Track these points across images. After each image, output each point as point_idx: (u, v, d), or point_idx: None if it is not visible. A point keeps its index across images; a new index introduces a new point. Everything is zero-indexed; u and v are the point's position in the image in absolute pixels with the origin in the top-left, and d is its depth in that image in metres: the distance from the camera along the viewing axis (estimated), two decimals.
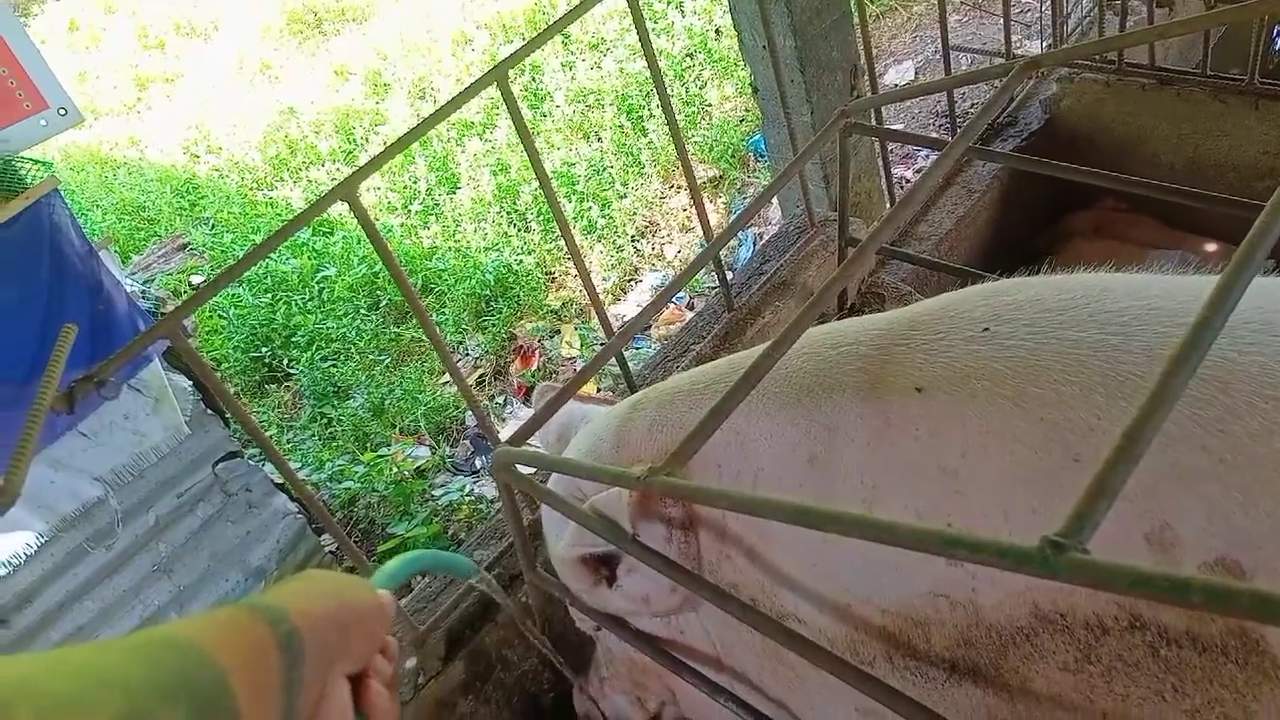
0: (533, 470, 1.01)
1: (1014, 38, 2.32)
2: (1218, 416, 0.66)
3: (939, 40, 2.28)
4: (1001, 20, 2.31)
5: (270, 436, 5.03)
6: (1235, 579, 0.64)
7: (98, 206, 7.80)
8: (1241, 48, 1.99)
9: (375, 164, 1.20)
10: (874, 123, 2.07)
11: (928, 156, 4.83)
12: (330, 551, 3.50)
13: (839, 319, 1.89)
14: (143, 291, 5.29)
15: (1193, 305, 0.74)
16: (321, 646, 0.65)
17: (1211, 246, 2.25)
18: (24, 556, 2.72)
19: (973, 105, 4.75)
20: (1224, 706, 0.66)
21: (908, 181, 4.50)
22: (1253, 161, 2.17)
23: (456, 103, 1.23)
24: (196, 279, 6.43)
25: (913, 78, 5.65)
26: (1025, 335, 0.78)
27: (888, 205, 2.39)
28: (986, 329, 0.81)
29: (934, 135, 4.94)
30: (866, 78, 2.12)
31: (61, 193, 2.62)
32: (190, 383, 2.99)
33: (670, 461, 0.76)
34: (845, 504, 0.82)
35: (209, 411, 3.07)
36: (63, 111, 2.56)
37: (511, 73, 1.24)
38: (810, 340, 0.96)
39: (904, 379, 0.82)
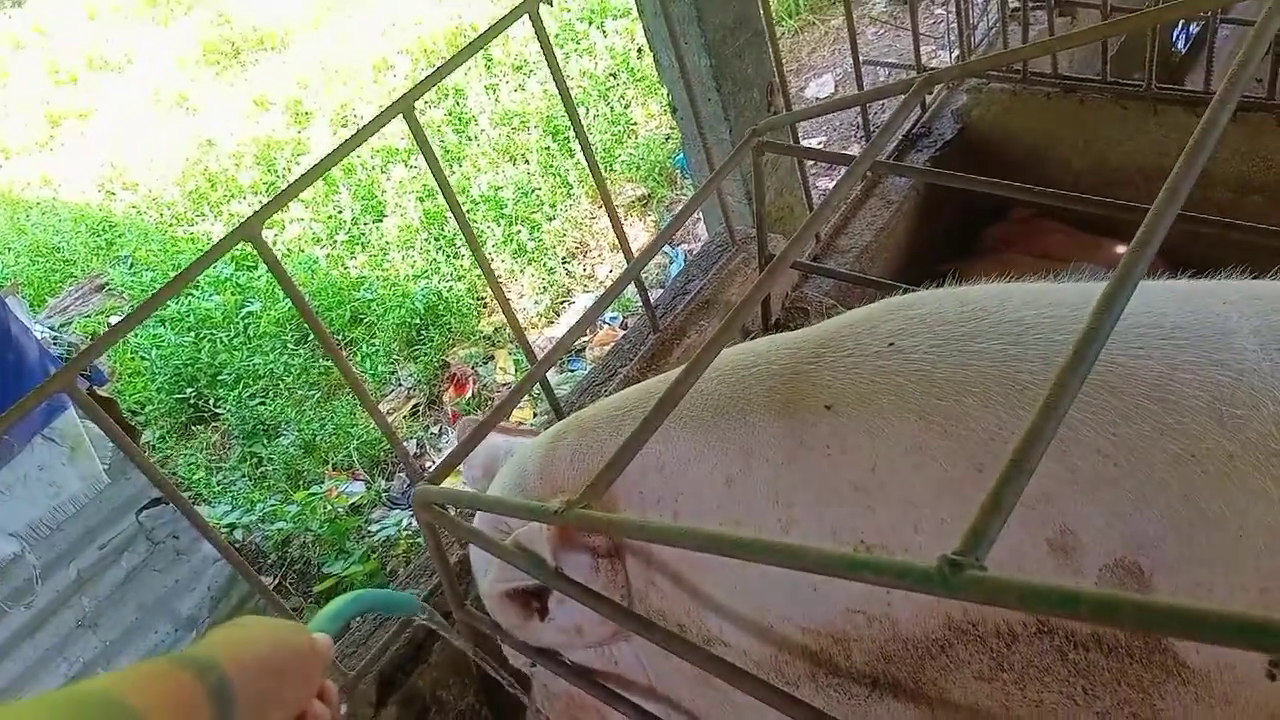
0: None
1: (929, 49, 2.37)
2: (1110, 421, 0.67)
3: None
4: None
5: (199, 479, 4.85)
6: (1136, 579, 0.65)
7: (9, 249, 7.52)
8: (1141, 54, 2.07)
9: (277, 203, 1.17)
10: (792, 138, 2.10)
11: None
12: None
13: (764, 336, 1.91)
14: (54, 336, 5.10)
15: (1087, 311, 0.76)
16: (254, 694, 0.64)
17: (1123, 249, 2.32)
18: None
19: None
20: (1133, 706, 0.67)
21: None
22: (1153, 164, 2.25)
23: (359, 138, 1.22)
24: (115, 319, 6.24)
25: (832, 91, 5.75)
26: (928, 349, 0.79)
27: None
28: (892, 344, 0.82)
29: (853, 148, 5.03)
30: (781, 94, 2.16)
31: None
32: None
33: (586, 494, 0.75)
34: (762, 525, 0.82)
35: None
36: None
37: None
38: (725, 361, 0.96)
39: (814, 397, 0.82)
